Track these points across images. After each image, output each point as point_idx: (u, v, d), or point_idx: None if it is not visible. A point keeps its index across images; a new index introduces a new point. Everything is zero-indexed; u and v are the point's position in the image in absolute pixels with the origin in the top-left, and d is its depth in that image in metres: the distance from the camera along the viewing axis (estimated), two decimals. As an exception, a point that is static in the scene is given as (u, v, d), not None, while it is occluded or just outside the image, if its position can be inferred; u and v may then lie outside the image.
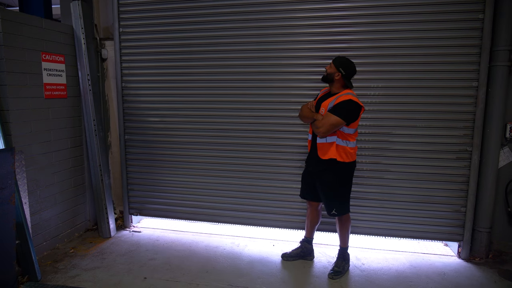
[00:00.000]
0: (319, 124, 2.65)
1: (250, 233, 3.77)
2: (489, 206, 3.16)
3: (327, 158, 2.74)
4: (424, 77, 3.12)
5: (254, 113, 3.46)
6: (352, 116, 2.64)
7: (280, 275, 2.94)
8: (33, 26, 3.04)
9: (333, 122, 2.60)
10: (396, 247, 3.46)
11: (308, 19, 3.25)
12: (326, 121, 2.63)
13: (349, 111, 2.61)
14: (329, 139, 2.72)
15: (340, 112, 2.60)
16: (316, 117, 2.71)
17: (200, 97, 3.56)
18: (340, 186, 2.83)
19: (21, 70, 2.94)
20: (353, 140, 2.76)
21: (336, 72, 2.70)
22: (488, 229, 3.19)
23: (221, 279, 2.86)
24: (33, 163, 3.09)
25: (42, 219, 3.22)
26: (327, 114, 2.65)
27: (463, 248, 3.22)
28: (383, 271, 3.00)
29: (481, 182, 3.15)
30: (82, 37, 3.45)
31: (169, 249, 3.38)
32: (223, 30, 3.41)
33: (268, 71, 3.39)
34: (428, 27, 3.05)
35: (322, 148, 2.76)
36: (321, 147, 2.77)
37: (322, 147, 2.76)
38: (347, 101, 2.62)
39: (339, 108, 2.61)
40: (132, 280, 2.84)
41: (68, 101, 3.46)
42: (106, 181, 3.63)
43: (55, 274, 2.92)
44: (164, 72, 3.60)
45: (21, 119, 2.94)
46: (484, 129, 3.09)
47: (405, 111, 3.18)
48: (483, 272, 2.99)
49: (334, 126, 2.62)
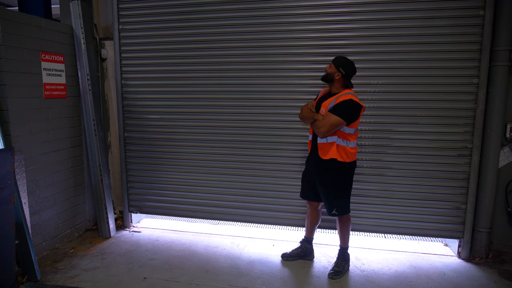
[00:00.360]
0: (320, 124, 2.65)
1: (250, 233, 3.77)
2: (489, 206, 3.16)
3: (327, 158, 2.74)
4: (424, 74, 3.11)
5: (254, 110, 3.45)
6: (353, 116, 2.64)
7: (280, 275, 2.94)
8: (33, 25, 3.03)
9: (333, 122, 2.60)
10: (396, 247, 3.46)
11: (308, 16, 3.23)
12: (326, 121, 2.62)
13: (349, 110, 2.61)
14: (330, 139, 2.71)
15: (341, 112, 2.60)
16: (316, 117, 2.71)
17: (200, 94, 3.55)
18: (341, 186, 2.82)
19: (21, 70, 2.93)
20: (353, 140, 2.76)
21: (336, 72, 2.70)
22: (488, 229, 3.19)
23: (221, 279, 2.86)
24: (33, 163, 3.09)
25: (41, 219, 3.22)
26: (328, 114, 2.65)
27: (463, 248, 3.22)
28: (383, 271, 3.00)
29: (481, 182, 3.15)
30: (81, 37, 3.45)
31: (169, 249, 3.38)
32: (222, 29, 3.40)
33: (268, 68, 3.37)
34: (428, 26, 3.05)
35: (322, 148, 2.76)
36: (321, 147, 2.77)
37: (322, 147, 2.76)
38: (347, 100, 2.62)
39: (340, 108, 2.61)
40: (132, 280, 2.83)
41: (67, 101, 3.46)
42: (105, 181, 3.63)
43: (54, 274, 2.91)
44: (163, 72, 3.60)
45: (20, 119, 2.94)
46: (484, 129, 3.09)
47: (406, 108, 3.17)
48: (483, 272, 2.99)
49: (335, 126, 2.62)
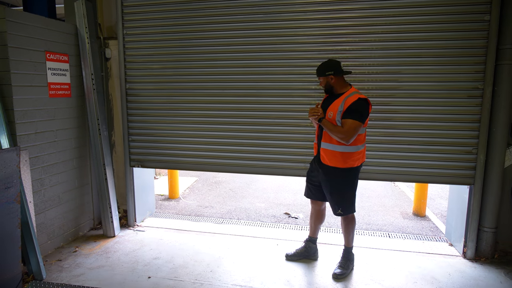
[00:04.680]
0: (341, 136, 2.58)
1: (254, 232, 3.77)
2: (495, 205, 3.13)
3: (331, 166, 2.72)
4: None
5: (260, 69, 3.41)
6: (366, 115, 2.62)
7: (284, 274, 2.94)
8: (37, 26, 3.04)
9: (355, 127, 2.56)
10: (401, 246, 3.45)
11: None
12: (347, 128, 2.56)
13: (362, 109, 2.59)
14: (335, 147, 2.68)
15: (355, 115, 2.56)
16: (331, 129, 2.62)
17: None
18: (346, 187, 2.80)
19: (26, 70, 2.94)
20: (361, 143, 2.72)
21: (327, 78, 2.70)
22: (494, 229, 3.16)
23: (225, 279, 2.86)
24: (38, 163, 3.10)
25: (46, 218, 3.23)
26: (344, 122, 2.58)
27: (468, 248, 3.20)
28: (387, 271, 2.99)
29: (487, 181, 3.13)
30: (86, 36, 3.46)
31: (173, 248, 3.39)
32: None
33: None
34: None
35: (327, 155, 2.74)
36: (326, 153, 2.74)
37: (327, 153, 2.73)
38: (356, 101, 2.58)
39: (352, 111, 2.57)
40: (136, 279, 2.84)
41: (72, 101, 3.47)
42: (109, 180, 3.64)
43: (59, 273, 2.93)
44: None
45: (25, 118, 2.95)
46: (490, 128, 3.06)
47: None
48: (489, 273, 2.97)
49: (356, 130, 2.57)
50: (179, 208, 4.84)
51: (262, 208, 4.83)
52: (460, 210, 3.35)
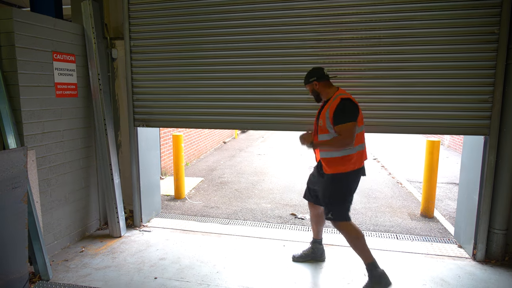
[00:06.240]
0: (341, 143, 2.53)
1: (260, 233, 3.75)
2: (505, 207, 3.08)
3: (333, 173, 2.67)
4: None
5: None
6: (353, 111, 2.55)
7: (291, 276, 2.91)
8: (45, 26, 3.05)
9: (347, 129, 2.50)
10: (409, 248, 3.41)
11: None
12: (344, 135, 2.51)
13: (347, 109, 2.53)
14: (333, 154, 2.64)
15: (344, 117, 2.51)
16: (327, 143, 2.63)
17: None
18: (339, 191, 2.70)
19: (33, 70, 2.95)
20: (359, 144, 2.65)
21: (312, 84, 2.73)
22: (504, 231, 3.11)
23: (231, 280, 2.84)
24: (45, 163, 3.11)
25: (53, 218, 3.24)
26: (337, 130, 2.54)
27: (478, 250, 3.15)
28: (396, 273, 2.95)
29: (497, 182, 3.07)
30: (92, 36, 3.46)
31: (179, 249, 3.37)
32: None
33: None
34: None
35: (327, 163, 2.69)
36: (326, 162, 2.70)
37: (326, 162, 2.69)
38: (339, 103, 2.54)
39: (339, 114, 2.53)
40: (143, 280, 2.83)
41: (79, 101, 3.48)
42: (116, 181, 3.64)
43: (66, 273, 2.93)
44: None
45: (32, 118, 2.96)
46: (501, 128, 3.01)
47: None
48: (500, 275, 2.92)
49: (351, 131, 2.51)
50: (185, 208, 4.83)
51: (268, 209, 4.81)
52: (470, 211, 3.30)
